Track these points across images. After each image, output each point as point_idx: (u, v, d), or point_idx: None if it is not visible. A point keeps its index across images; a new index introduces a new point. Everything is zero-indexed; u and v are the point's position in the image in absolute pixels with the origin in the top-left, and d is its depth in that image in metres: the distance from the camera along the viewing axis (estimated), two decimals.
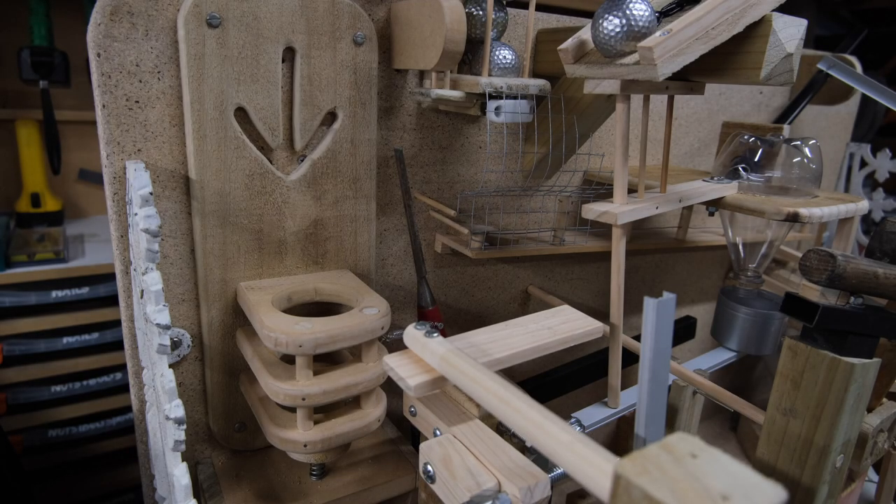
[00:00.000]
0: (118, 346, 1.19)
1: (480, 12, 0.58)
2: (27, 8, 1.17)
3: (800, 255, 0.80)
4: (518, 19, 0.69)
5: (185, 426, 0.38)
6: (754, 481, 0.22)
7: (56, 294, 1.11)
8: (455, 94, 0.57)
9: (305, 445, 0.49)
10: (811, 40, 1.70)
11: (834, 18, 1.93)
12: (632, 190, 0.60)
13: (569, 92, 0.68)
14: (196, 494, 0.55)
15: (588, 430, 0.63)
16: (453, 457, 0.39)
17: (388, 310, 0.52)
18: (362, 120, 0.58)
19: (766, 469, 0.49)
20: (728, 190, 0.69)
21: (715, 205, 0.69)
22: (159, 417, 0.43)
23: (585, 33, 0.54)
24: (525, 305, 0.83)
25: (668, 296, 0.28)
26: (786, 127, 0.77)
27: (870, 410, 0.55)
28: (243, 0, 0.49)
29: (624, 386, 0.67)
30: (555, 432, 0.29)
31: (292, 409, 0.51)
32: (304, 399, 0.48)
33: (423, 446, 0.41)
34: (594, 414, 0.66)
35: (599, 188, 0.74)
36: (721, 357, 0.80)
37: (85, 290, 1.13)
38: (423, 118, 0.66)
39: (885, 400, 0.57)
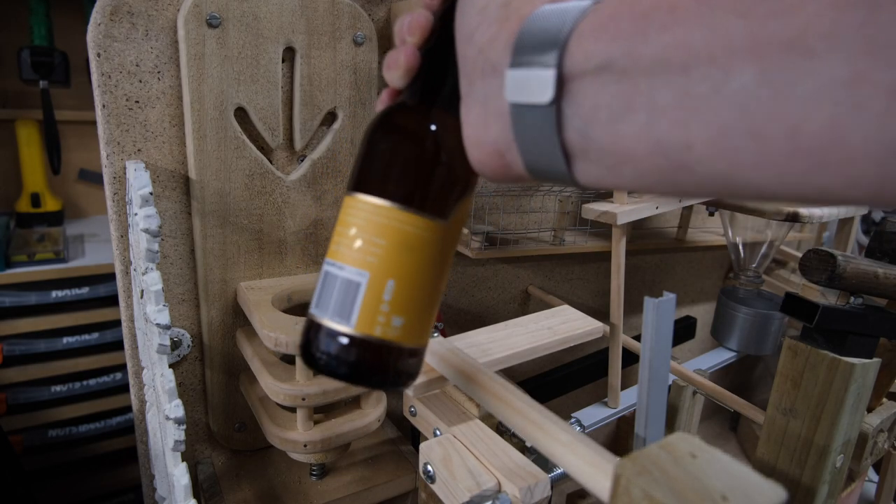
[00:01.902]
0: (118, 346, 1.19)
1: None
2: (27, 8, 1.17)
3: (800, 255, 0.80)
4: None
5: (185, 426, 0.38)
6: (754, 481, 0.22)
7: (56, 294, 1.11)
8: None
9: (305, 445, 0.49)
10: None
11: None
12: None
13: None
14: (196, 494, 0.55)
15: (588, 430, 0.64)
16: (453, 457, 0.39)
17: None
18: (362, 120, 0.58)
19: (766, 469, 0.49)
20: None
21: (715, 205, 0.69)
22: (159, 417, 0.43)
23: None
24: (525, 305, 0.83)
25: (668, 296, 0.28)
26: None
27: (870, 410, 0.55)
28: (243, 0, 0.49)
29: (624, 386, 0.67)
30: (555, 432, 0.29)
31: (292, 409, 0.51)
32: (304, 399, 0.48)
33: (423, 446, 0.41)
34: (594, 414, 0.66)
35: (599, 188, 0.74)
36: (721, 357, 0.81)
37: (85, 290, 1.13)
38: None
39: (885, 400, 0.57)
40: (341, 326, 0.29)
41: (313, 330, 0.30)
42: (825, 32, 0.15)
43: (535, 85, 0.21)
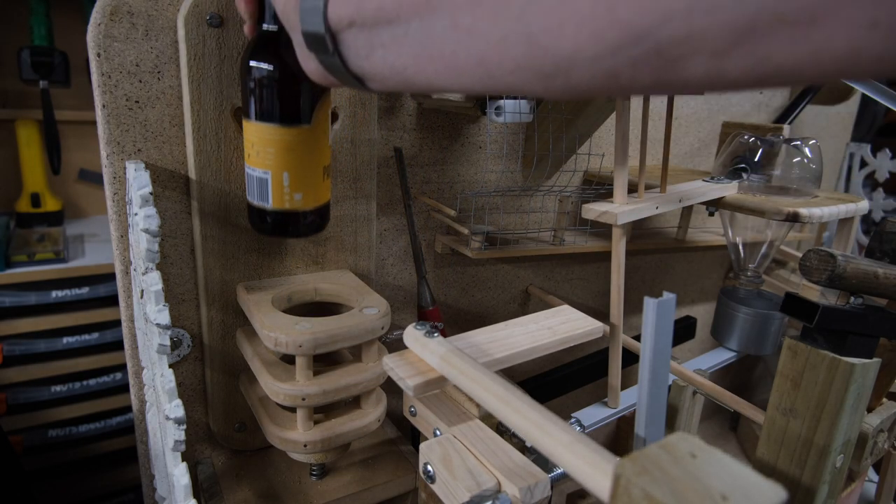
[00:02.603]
0: (118, 346, 1.19)
1: None
2: (27, 8, 1.17)
3: (800, 255, 0.80)
4: None
5: (185, 426, 0.38)
6: (754, 481, 0.22)
7: (56, 294, 1.11)
8: (455, 94, 0.57)
9: (305, 445, 0.49)
10: None
11: None
12: (632, 190, 0.60)
13: None
14: (196, 494, 0.55)
15: (588, 430, 0.64)
16: (453, 457, 0.39)
17: (388, 310, 0.52)
18: (362, 120, 0.58)
19: (766, 469, 0.49)
20: (728, 190, 0.69)
21: (715, 205, 0.69)
22: (159, 417, 0.43)
23: None
24: (525, 305, 0.83)
25: (668, 296, 0.28)
26: (786, 127, 0.77)
27: (870, 410, 0.55)
28: None
29: (624, 386, 0.67)
30: (555, 432, 0.29)
31: (292, 409, 0.51)
32: (303, 399, 0.48)
33: (423, 446, 0.41)
34: (594, 414, 0.66)
35: (599, 188, 0.74)
36: (721, 357, 0.80)
37: (85, 290, 1.13)
38: (423, 118, 0.66)
39: (885, 400, 0.57)
40: (265, 206, 0.47)
41: (252, 210, 0.48)
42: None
43: (320, 43, 0.32)
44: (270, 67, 0.42)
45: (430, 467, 0.39)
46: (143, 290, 0.43)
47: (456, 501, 0.36)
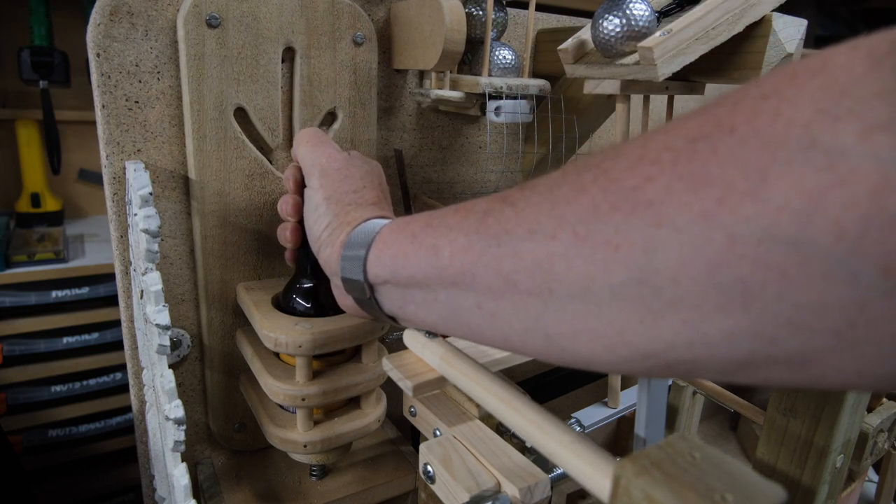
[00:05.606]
0: (118, 346, 1.19)
1: (480, 12, 0.58)
2: (27, 8, 1.18)
3: None
4: (518, 19, 0.69)
5: (184, 426, 0.38)
6: (754, 481, 0.22)
7: (56, 294, 1.11)
8: (455, 94, 0.57)
9: (305, 446, 0.49)
10: (811, 40, 1.69)
11: (834, 18, 1.93)
12: None
13: (569, 92, 0.68)
14: (196, 495, 0.55)
15: (588, 430, 0.64)
16: (453, 457, 0.39)
17: None
18: (362, 120, 0.58)
19: (766, 469, 0.49)
20: None
21: None
22: (159, 418, 0.43)
23: (585, 33, 0.54)
24: None
25: None
26: None
27: (870, 410, 0.55)
28: (243, 0, 0.49)
29: (624, 386, 0.67)
30: (555, 432, 0.29)
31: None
32: (303, 399, 0.47)
33: (423, 446, 0.41)
34: (594, 414, 0.66)
35: None
36: None
37: (85, 290, 1.13)
38: (423, 118, 0.66)
39: (885, 400, 0.57)
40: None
41: None
42: (462, 272, 0.27)
43: (359, 289, 0.36)
44: (318, 303, 0.49)
45: (429, 467, 0.39)
46: (142, 291, 0.43)
47: (456, 502, 0.36)
